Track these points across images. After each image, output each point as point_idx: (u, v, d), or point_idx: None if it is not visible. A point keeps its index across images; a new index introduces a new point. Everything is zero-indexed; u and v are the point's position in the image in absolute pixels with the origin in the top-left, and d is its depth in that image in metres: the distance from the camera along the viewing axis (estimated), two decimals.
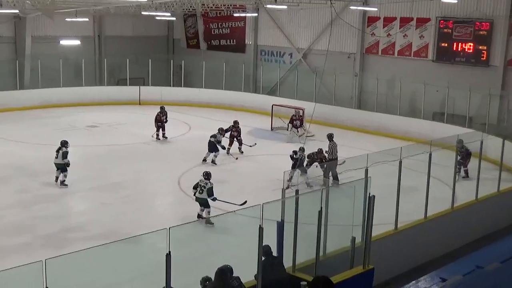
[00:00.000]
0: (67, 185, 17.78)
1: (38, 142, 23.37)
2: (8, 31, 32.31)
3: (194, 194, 14.80)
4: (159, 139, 23.90)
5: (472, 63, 25.64)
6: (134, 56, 33.82)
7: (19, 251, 12.87)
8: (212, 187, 14.52)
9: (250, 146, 22.16)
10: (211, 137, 20.76)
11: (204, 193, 14.45)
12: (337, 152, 18.69)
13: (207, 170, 15.25)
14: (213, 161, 20.58)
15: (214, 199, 14.42)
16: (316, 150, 18.43)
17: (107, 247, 7.82)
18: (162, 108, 24.47)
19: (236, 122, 22.56)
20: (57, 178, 17.85)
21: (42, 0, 24.47)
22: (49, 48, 31.94)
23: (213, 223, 13.19)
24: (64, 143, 18.02)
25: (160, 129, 23.95)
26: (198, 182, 14.75)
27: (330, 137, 19.22)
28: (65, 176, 17.81)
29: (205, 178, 14.70)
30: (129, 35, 36.18)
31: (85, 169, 20.13)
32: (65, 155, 17.76)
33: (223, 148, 21.18)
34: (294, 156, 17.86)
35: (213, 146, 20.60)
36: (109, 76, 34.25)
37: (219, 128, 21.16)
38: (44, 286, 6.08)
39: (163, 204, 17.71)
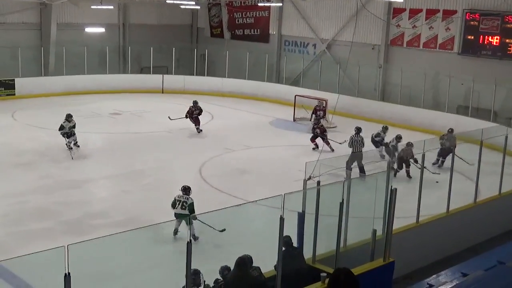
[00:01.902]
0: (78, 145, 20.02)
1: None
2: (33, 17, 32.55)
3: (174, 208, 12.98)
4: (201, 130, 23.60)
5: (499, 56, 25.33)
6: (158, 44, 33.90)
7: (42, 236, 12.99)
8: (193, 202, 12.88)
9: (340, 143, 20.50)
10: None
11: (186, 209, 12.71)
12: (363, 145, 18.54)
13: (186, 185, 13.46)
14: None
15: (195, 218, 11.69)
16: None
17: (128, 234, 7.88)
18: (195, 102, 24.01)
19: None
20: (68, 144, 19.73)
21: None
22: (74, 35, 32.15)
23: (198, 237, 12.03)
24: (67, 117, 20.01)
25: (195, 124, 23.54)
26: (175, 198, 13.11)
27: (359, 130, 18.98)
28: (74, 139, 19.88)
29: (184, 193, 13.13)
30: (153, 24, 36.25)
31: (108, 156, 20.31)
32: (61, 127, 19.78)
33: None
34: (375, 138, 18.23)
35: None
36: (133, 64, 34.41)
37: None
38: (66, 271, 6.12)
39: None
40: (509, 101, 23.53)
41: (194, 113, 23.31)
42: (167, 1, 30.59)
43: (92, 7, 30.49)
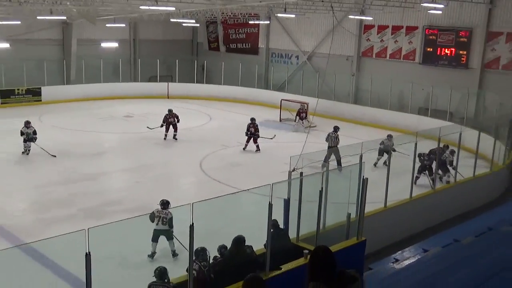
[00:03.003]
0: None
1: (81, 129, 23.51)
2: (57, 34, 32.42)
3: (153, 222, 10.80)
4: (176, 139, 21.72)
5: (454, 65, 25.45)
6: (164, 56, 33.85)
7: (65, 221, 12.98)
8: (172, 217, 10.81)
9: (270, 138, 21.22)
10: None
11: (166, 225, 10.84)
12: (338, 141, 18.47)
13: (165, 199, 11.24)
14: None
15: (172, 232, 10.87)
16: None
17: (140, 219, 7.91)
18: (170, 110, 22.07)
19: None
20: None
21: (86, 8, 24.49)
22: (92, 50, 32.02)
23: (177, 254, 10.84)
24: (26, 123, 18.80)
25: (170, 129, 21.71)
26: (154, 213, 10.85)
27: (336, 129, 18.83)
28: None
29: (163, 208, 11.02)
30: (159, 39, 36.16)
31: (122, 152, 20.28)
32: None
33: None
34: (380, 145, 16.78)
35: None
36: (142, 74, 34.26)
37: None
38: (87, 251, 6.12)
39: (186, 182, 17.73)
40: (463, 104, 23.60)
41: (169, 120, 21.68)
42: (171, 20, 30.48)
43: (107, 25, 30.35)
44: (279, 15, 29.87)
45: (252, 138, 20.42)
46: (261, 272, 8.17)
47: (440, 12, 23.50)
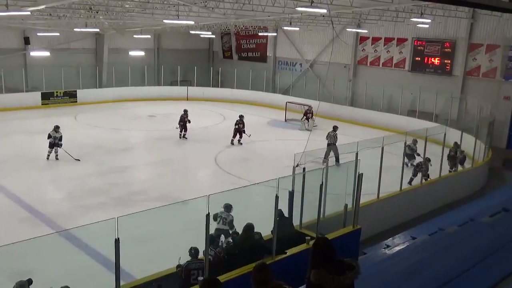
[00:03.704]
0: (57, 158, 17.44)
1: (112, 127, 23.58)
2: (91, 44, 32.54)
3: (215, 221, 10.03)
4: (186, 138, 21.30)
5: (439, 73, 25.25)
6: (183, 64, 33.87)
7: (98, 208, 13.04)
8: (233, 219, 10.13)
9: (248, 135, 20.91)
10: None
11: (226, 225, 10.15)
12: (337, 139, 18.36)
13: (228, 203, 10.23)
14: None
15: (230, 232, 10.01)
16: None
17: (163, 208, 7.87)
18: (185, 111, 21.65)
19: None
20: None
21: (116, 22, 24.53)
22: (121, 57, 32.10)
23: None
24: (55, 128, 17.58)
25: (183, 130, 21.31)
26: (218, 214, 10.15)
27: (335, 128, 18.70)
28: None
29: (225, 211, 10.21)
30: (180, 48, 36.15)
31: (146, 148, 20.28)
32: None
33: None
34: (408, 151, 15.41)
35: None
36: (165, 79, 34.32)
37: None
38: (116, 236, 6.12)
39: (203, 175, 17.72)
40: (447, 107, 23.43)
41: (185, 120, 21.34)
42: (190, 32, 30.47)
43: (134, 36, 30.41)
44: (285, 28, 29.77)
45: (238, 132, 20.53)
46: (268, 255, 8.16)
47: (427, 26, 23.31)
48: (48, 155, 17.30)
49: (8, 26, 25.95)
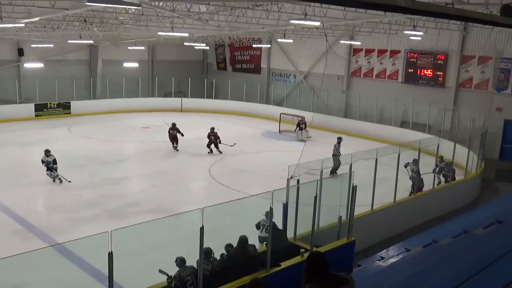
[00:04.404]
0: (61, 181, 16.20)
1: (106, 138, 23.50)
2: (85, 55, 32.53)
3: (258, 229, 10.07)
4: (177, 150, 21.19)
5: (432, 84, 25.42)
6: (178, 75, 33.91)
7: (91, 220, 12.95)
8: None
9: (231, 145, 20.97)
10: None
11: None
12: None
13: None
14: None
15: None
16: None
17: (156, 221, 7.80)
18: (173, 124, 21.55)
19: (212, 129, 21.24)
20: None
21: (110, 33, 24.56)
22: (115, 69, 32.13)
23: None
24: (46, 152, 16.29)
25: (175, 142, 21.24)
26: (260, 222, 10.10)
27: (338, 139, 18.40)
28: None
29: (267, 218, 9.69)
30: (174, 60, 36.22)
31: (140, 160, 20.21)
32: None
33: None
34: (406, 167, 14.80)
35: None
36: (159, 90, 34.33)
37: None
38: (110, 250, 6.07)
39: (197, 187, 17.70)
40: (440, 118, 23.56)
41: (170, 132, 21.28)
42: (184, 43, 30.54)
43: (128, 47, 30.47)
44: (279, 39, 29.91)
45: (213, 144, 20.75)
46: (262, 268, 8.11)
47: (420, 38, 23.51)
48: (54, 179, 16.28)
49: (2, 37, 25.90)
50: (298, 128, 25.11)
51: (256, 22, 18.44)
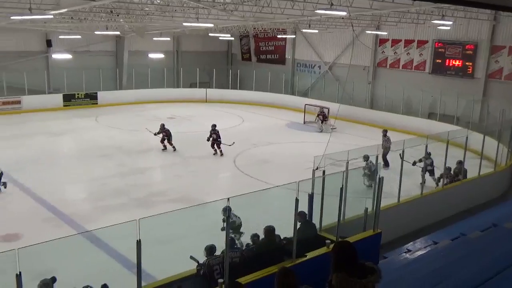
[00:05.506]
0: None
1: (132, 128, 23.77)
2: (111, 47, 32.90)
3: None
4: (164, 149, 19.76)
5: (460, 75, 24.91)
6: (202, 66, 34.00)
7: (119, 209, 13.15)
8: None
9: (229, 145, 19.53)
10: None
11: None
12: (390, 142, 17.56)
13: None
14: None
15: None
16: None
17: (183, 210, 7.91)
18: (162, 125, 20.04)
19: (214, 126, 19.65)
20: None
21: (136, 24, 24.75)
22: (141, 60, 32.38)
23: None
24: None
25: (165, 141, 19.79)
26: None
27: (384, 133, 18.12)
28: None
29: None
30: (199, 50, 36.34)
31: (165, 150, 20.35)
32: None
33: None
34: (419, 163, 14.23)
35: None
36: (184, 81, 34.51)
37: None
38: (138, 238, 6.15)
39: (222, 177, 17.79)
40: (468, 109, 23.10)
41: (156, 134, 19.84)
42: (209, 34, 30.58)
43: (154, 38, 30.68)
44: (304, 30, 29.67)
45: (215, 144, 19.37)
46: (288, 258, 8.12)
47: (448, 28, 23.04)
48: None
49: (31, 29, 26.37)
50: (317, 118, 25.02)
51: (281, 12, 18.31)
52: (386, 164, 16.60)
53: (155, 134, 19.80)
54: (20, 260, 5.16)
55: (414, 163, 14.11)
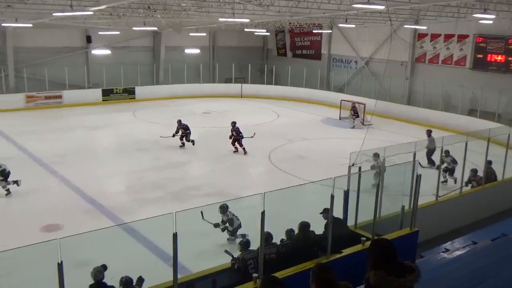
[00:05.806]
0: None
1: (168, 123, 23.95)
2: (148, 42, 33.41)
3: None
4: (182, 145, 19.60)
5: (503, 71, 24.10)
6: (238, 61, 34.10)
7: (155, 202, 13.36)
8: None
9: (251, 137, 19.24)
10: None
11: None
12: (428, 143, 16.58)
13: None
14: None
15: None
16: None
17: (217, 205, 7.95)
18: (179, 121, 19.90)
19: (233, 123, 19.18)
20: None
21: (173, 20, 25.02)
22: (177, 55, 32.76)
23: None
24: None
25: (184, 138, 19.65)
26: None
27: (429, 133, 17.48)
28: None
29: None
30: (234, 46, 36.45)
31: (201, 144, 20.52)
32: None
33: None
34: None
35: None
36: (219, 76, 34.70)
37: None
38: (174, 231, 6.23)
39: (256, 172, 17.78)
40: (510, 106, 22.37)
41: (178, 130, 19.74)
42: (245, 29, 30.62)
43: (190, 34, 30.90)
44: (340, 25, 29.39)
45: (236, 141, 18.91)
46: (323, 254, 8.08)
47: (491, 22, 22.31)
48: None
49: (72, 25, 27.03)
50: (351, 112, 24.77)
51: (317, 7, 18.15)
52: (432, 163, 16.11)
53: (173, 136, 19.58)
54: (61, 250, 5.31)
55: (437, 167, 13.72)
